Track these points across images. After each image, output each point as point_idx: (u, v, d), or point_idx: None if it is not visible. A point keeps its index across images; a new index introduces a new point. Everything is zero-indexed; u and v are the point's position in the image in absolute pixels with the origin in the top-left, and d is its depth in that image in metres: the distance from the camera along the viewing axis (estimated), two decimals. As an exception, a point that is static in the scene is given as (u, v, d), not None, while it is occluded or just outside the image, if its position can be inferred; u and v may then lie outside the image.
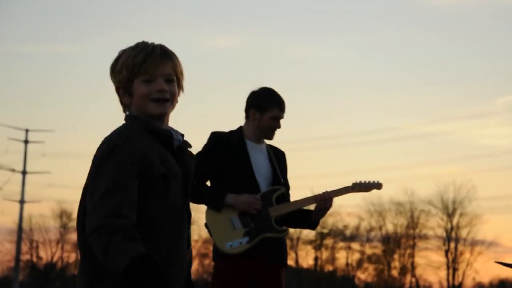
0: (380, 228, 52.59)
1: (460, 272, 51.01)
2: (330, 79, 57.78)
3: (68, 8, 51.11)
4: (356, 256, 53.48)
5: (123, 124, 2.21)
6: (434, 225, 51.17)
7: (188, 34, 55.15)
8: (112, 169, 2.09)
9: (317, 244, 53.64)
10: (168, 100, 2.18)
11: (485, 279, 53.39)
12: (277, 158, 3.96)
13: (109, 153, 2.11)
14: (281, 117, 3.87)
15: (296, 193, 4.11)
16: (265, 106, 3.83)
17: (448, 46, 55.23)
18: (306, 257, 53.92)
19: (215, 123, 51.53)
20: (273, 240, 3.86)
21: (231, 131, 3.87)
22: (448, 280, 50.79)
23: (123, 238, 2.02)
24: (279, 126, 3.86)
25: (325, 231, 52.35)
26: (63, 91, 51.89)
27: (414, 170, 64.26)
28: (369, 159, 59.48)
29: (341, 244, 53.79)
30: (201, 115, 45.45)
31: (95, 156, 2.15)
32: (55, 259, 37.70)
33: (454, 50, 55.06)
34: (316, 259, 54.22)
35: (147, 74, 2.16)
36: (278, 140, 4.01)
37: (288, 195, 3.97)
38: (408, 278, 52.91)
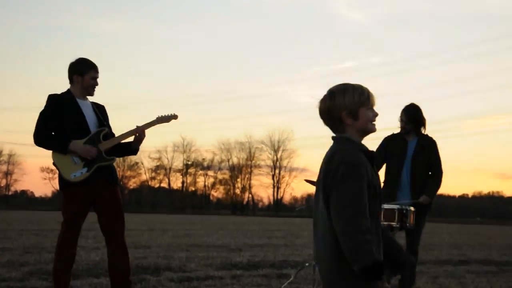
0: (228, 160, 63.51)
1: (282, 190, 63.40)
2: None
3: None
4: (211, 180, 64.24)
5: (343, 144, 2.38)
6: (265, 158, 63.42)
7: (75, 19, 58.75)
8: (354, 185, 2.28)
9: (184, 172, 62.70)
10: None
11: (298, 194, 66.43)
12: (100, 110, 4.59)
13: (352, 171, 2.29)
14: (97, 77, 4.49)
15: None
16: (84, 70, 4.48)
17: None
18: (176, 181, 63.83)
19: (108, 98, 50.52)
20: (106, 167, 4.46)
21: (62, 93, 4.49)
22: (273, 195, 63.33)
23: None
24: (97, 84, 4.49)
25: (189, 162, 62.77)
26: None
27: (251, 120, 76.86)
28: (220, 114, 70.55)
29: (201, 171, 63.66)
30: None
31: (333, 171, 2.31)
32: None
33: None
34: (183, 182, 63.39)
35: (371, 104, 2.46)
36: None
37: (112, 134, 4.59)
38: (247, 195, 64.23)
